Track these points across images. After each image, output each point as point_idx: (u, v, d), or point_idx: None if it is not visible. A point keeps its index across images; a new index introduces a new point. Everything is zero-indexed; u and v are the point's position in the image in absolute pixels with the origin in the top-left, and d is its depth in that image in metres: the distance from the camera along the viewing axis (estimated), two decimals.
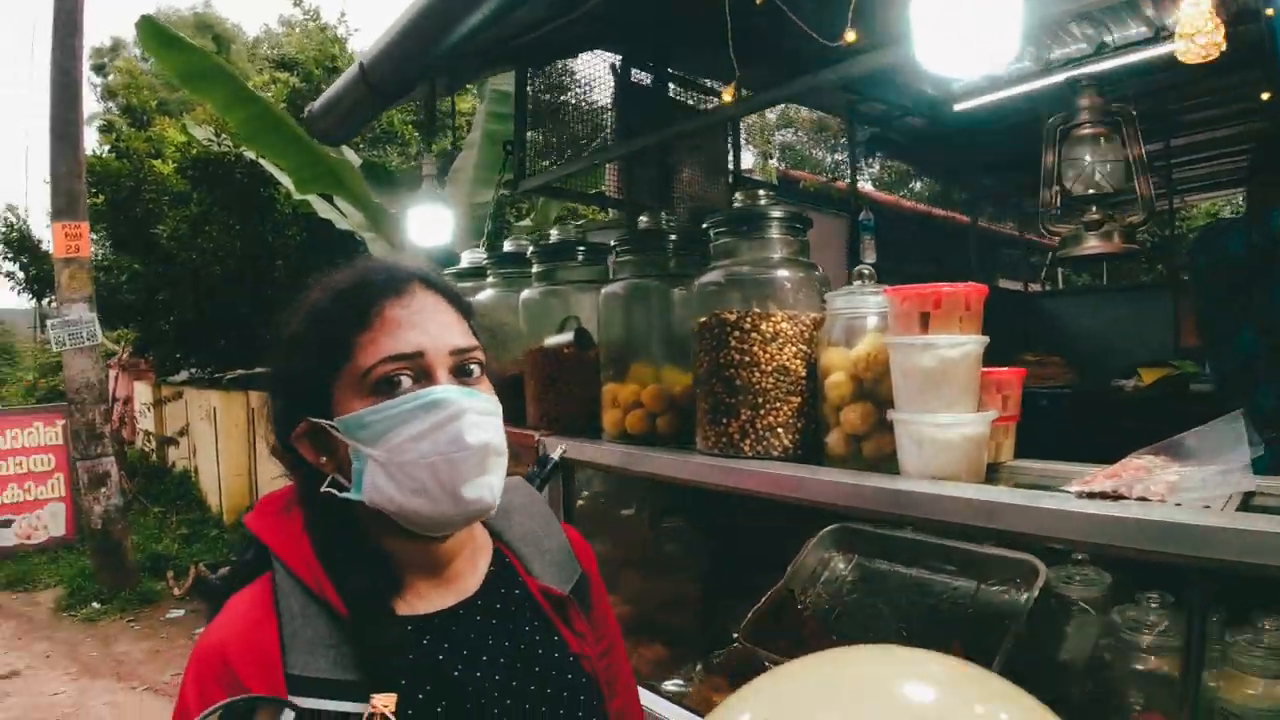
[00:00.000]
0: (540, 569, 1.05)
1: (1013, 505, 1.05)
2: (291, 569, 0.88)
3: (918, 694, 0.66)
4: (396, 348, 0.89)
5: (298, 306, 0.95)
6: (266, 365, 0.99)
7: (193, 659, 0.86)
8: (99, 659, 5.71)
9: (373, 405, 0.88)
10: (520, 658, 0.96)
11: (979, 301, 1.23)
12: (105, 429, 6.95)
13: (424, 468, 0.87)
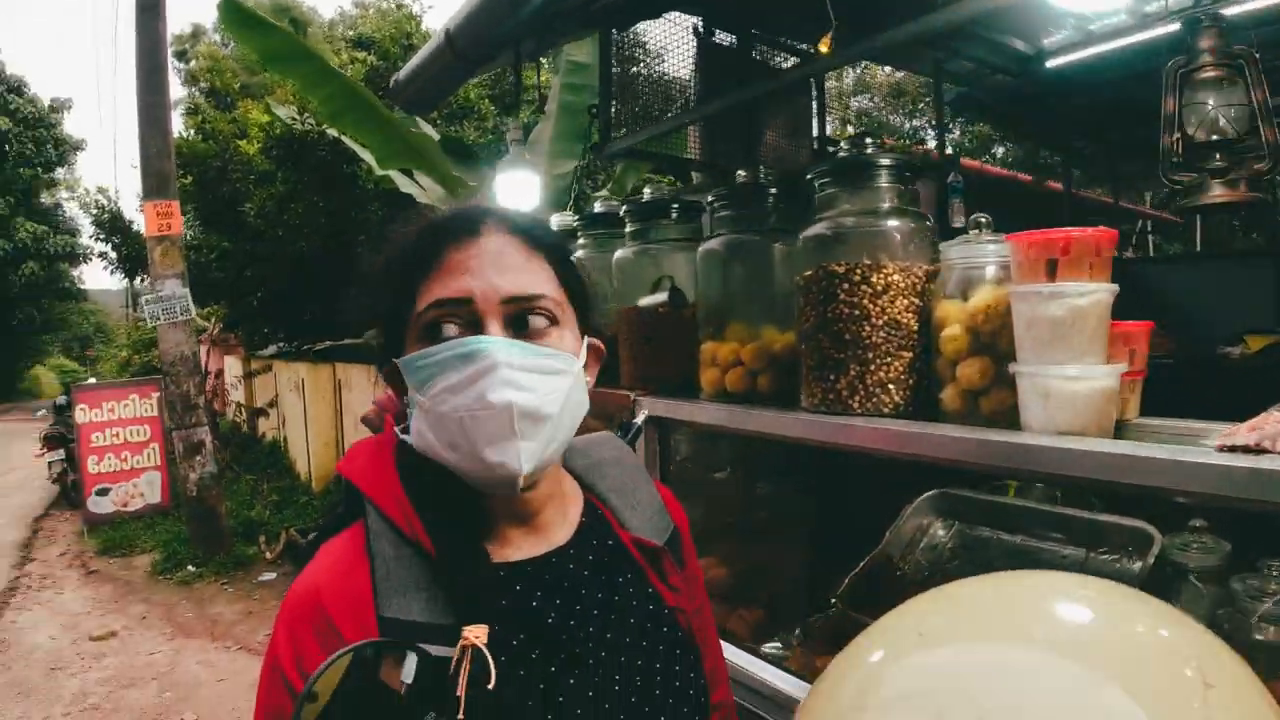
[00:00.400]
0: (633, 521, 1.03)
1: (1151, 459, 0.99)
2: (384, 511, 0.88)
3: (1076, 611, 0.64)
4: (445, 293, 0.87)
5: (380, 251, 0.96)
6: (355, 308, 0.99)
7: (285, 603, 0.86)
8: (194, 620, 5.98)
9: (420, 351, 0.87)
10: (615, 608, 0.94)
11: (1110, 247, 1.16)
12: (199, 400, 7.22)
13: (455, 421, 0.84)
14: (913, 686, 0.66)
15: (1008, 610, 0.70)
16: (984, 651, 0.67)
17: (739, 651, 1.64)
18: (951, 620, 0.71)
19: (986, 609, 0.71)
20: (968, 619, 0.70)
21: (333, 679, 0.74)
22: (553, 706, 0.85)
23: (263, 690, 0.85)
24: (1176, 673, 0.61)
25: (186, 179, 9.16)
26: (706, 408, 1.67)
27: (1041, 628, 0.67)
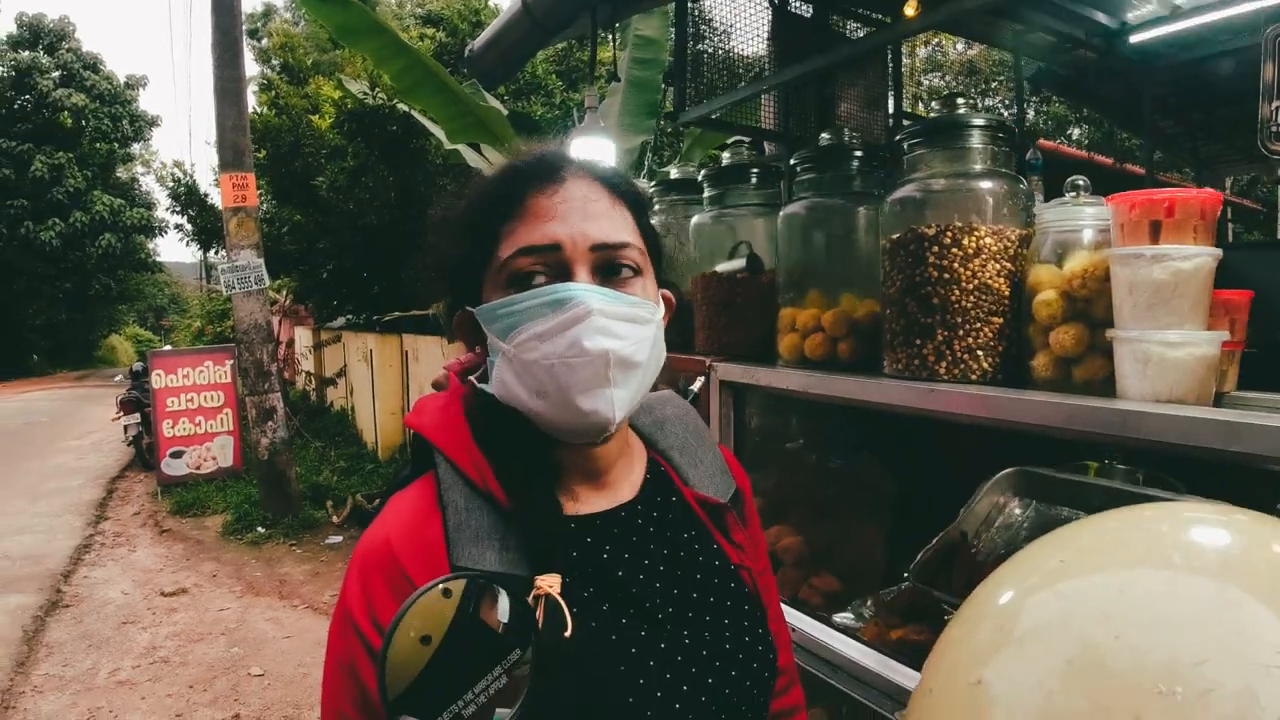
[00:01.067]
0: (696, 479, 1.02)
1: (1258, 426, 0.95)
2: (456, 463, 0.88)
3: (1208, 534, 0.67)
4: (531, 239, 0.86)
5: (460, 195, 0.95)
6: (431, 255, 0.98)
7: (357, 553, 0.86)
8: (262, 579, 6.18)
9: (505, 298, 0.86)
10: (681, 564, 0.94)
11: (1214, 211, 1.12)
12: (272, 367, 7.43)
13: (544, 369, 0.83)
14: (1047, 617, 0.66)
15: (1136, 538, 0.70)
16: (1116, 577, 0.66)
17: (811, 620, 1.64)
18: (1078, 554, 0.71)
19: (1113, 540, 0.71)
20: (1094, 550, 0.70)
21: (429, 613, 0.73)
22: (625, 659, 0.85)
23: (333, 639, 0.86)
24: None
25: (260, 153, 9.38)
26: (786, 373, 1.66)
27: (1173, 551, 0.66)
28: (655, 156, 7.71)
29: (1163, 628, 0.59)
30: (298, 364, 14.28)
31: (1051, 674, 0.62)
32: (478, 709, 0.71)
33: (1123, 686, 0.58)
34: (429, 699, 0.71)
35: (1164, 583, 0.64)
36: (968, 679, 0.68)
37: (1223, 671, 0.56)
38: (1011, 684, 0.64)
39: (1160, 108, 5.50)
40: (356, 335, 10.68)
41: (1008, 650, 0.66)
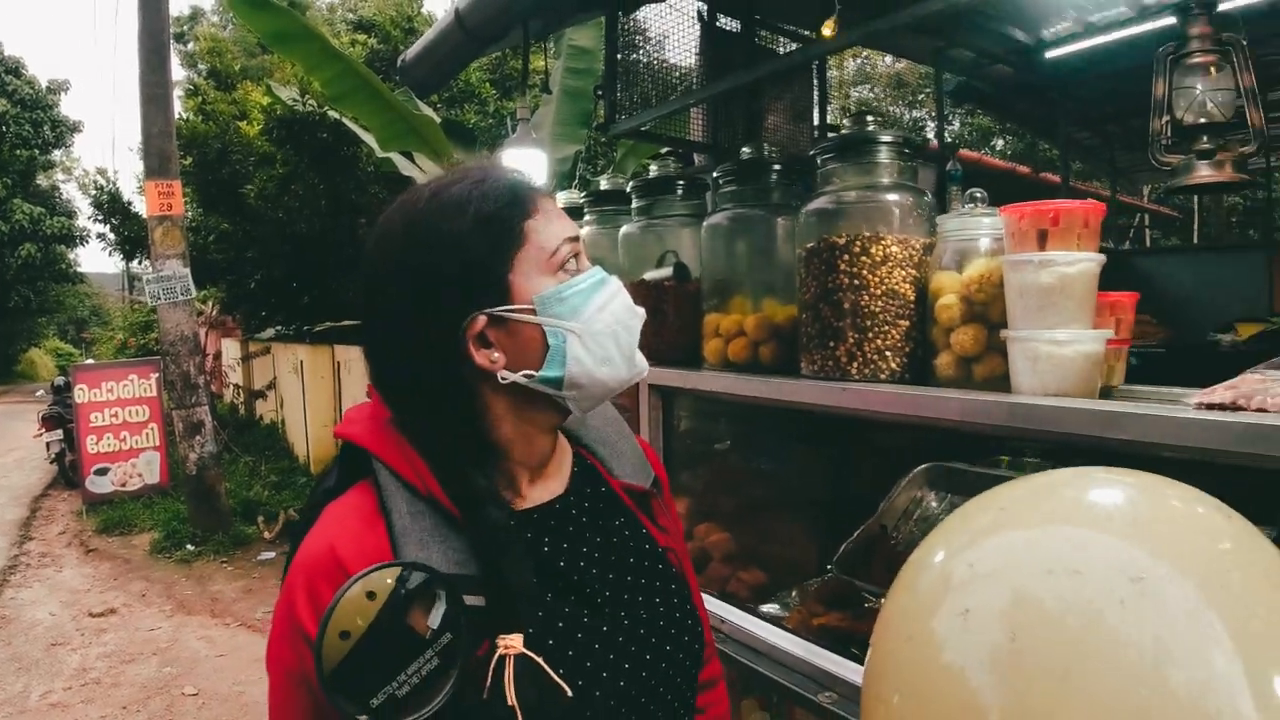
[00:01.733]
0: (620, 469, 1.09)
1: (1134, 415, 1.05)
2: (397, 472, 0.90)
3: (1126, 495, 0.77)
4: (570, 231, 0.95)
5: (438, 208, 0.91)
6: (395, 295, 0.92)
7: (298, 564, 0.87)
8: (193, 597, 6.03)
9: (566, 281, 0.92)
10: (614, 550, 1.01)
11: (1097, 219, 1.22)
12: (199, 379, 7.26)
13: (609, 336, 0.93)
14: (983, 567, 0.75)
15: (1051, 498, 0.81)
16: (1039, 531, 0.77)
17: (739, 611, 1.71)
18: (998, 516, 0.81)
19: (1025, 504, 0.82)
20: (1016, 510, 0.81)
21: (360, 608, 0.77)
22: (572, 644, 0.91)
23: (279, 653, 0.87)
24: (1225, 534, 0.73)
25: (186, 160, 9.18)
26: (711, 376, 1.73)
27: (1082, 507, 0.78)
28: (588, 166, 7.77)
29: (1079, 574, 0.68)
30: (225, 376, 13.94)
31: (992, 619, 0.70)
32: (411, 689, 0.76)
33: (1054, 628, 0.66)
34: (360, 682, 0.75)
35: (1068, 530, 0.74)
36: (913, 631, 0.76)
37: (1107, 582, 0.66)
38: (956, 631, 0.72)
39: (1077, 120, 5.75)
40: (286, 346, 10.48)
41: (949, 600, 0.74)
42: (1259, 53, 4.31)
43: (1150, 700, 0.61)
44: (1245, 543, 0.72)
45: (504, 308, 0.90)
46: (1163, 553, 0.69)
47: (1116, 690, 0.62)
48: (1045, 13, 4.12)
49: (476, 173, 0.95)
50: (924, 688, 0.73)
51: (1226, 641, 0.63)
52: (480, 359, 0.90)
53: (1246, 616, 0.65)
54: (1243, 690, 0.61)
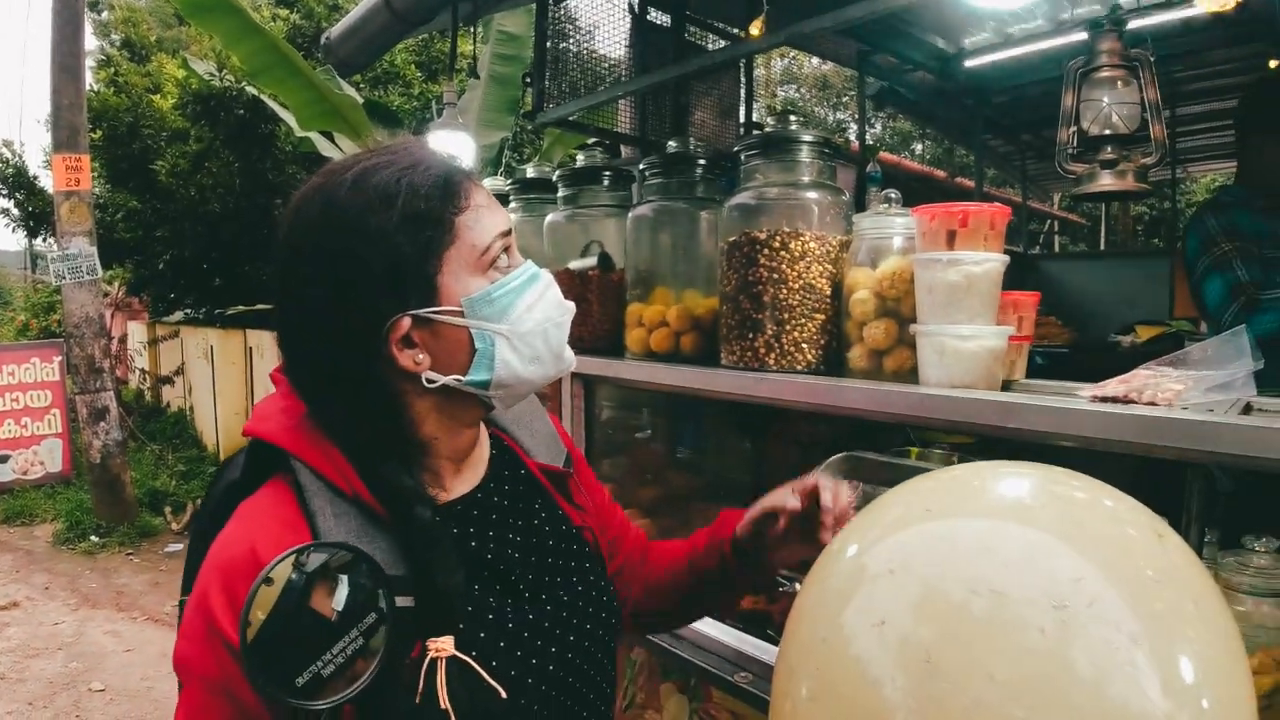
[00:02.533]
0: (535, 449, 1.11)
1: (1030, 405, 1.11)
2: (319, 471, 0.87)
3: (1038, 488, 0.80)
4: (501, 224, 0.92)
5: (363, 200, 0.85)
6: (313, 285, 0.87)
7: (215, 567, 0.83)
8: (99, 590, 5.82)
9: (493, 283, 0.89)
10: (534, 533, 1.03)
11: (1003, 222, 1.29)
12: (105, 363, 6.99)
13: (538, 335, 0.92)
14: (892, 560, 0.77)
15: (961, 492, 0.84)
16: (946, 524, 0.79)
17: None
18: (908, 510, 0.83)
19: (940, 495, 0.85)
20: (926, 503, 0.83)
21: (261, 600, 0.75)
22: (502, 633, 0.92)
23: (196, 661, 0.83)
24: (1134, 525, 0.76)
25: (96, 134, 8.78)
26: (633, 365, 1.76)
27: (984, 499, 0.82)
28: (515, 154, 7.72)
29: (984, 564, 0.71)
30: (131, 361, 13.40)
31: (901, 611, 0.72)
32: (336, 668, 0.75)
33: (959, 618, 0.69)
34: (283, 663, 0.74)
35: (982, 526, 0.77)
36: (825, 627, 0.78)
37: (1030, 609, 0.67)
38: (864, 629, 0.74)
39: (992, 128, 5.95)
40: (196, 330, 10.13)
41: (860, 597, 0.76)
42: (1170, 70, 4.55)
43: (1059, 706, 0.63)
44: (1160, 548, 0.75)
45: (430, 309, 0.87)
46: (1086, 557, 0.71)
47: (1026, 695, 0.63)
48: (966, 23, 4.25)
49: (404, 156, 0.89)
50: (832, 683, 0.75)
51: (1145, 675, 0.64)
52: (404, 360, 0.87)
53: (1165, 639, 0.66)
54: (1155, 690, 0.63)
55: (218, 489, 0.96)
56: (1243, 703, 0.67)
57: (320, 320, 0.87)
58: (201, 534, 0.94)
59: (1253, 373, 1.08)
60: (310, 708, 0.75)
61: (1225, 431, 0.95)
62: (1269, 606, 1.17)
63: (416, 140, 0.96)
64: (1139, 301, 5.18)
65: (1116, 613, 0.65)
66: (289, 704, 0.74)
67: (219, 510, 0.91)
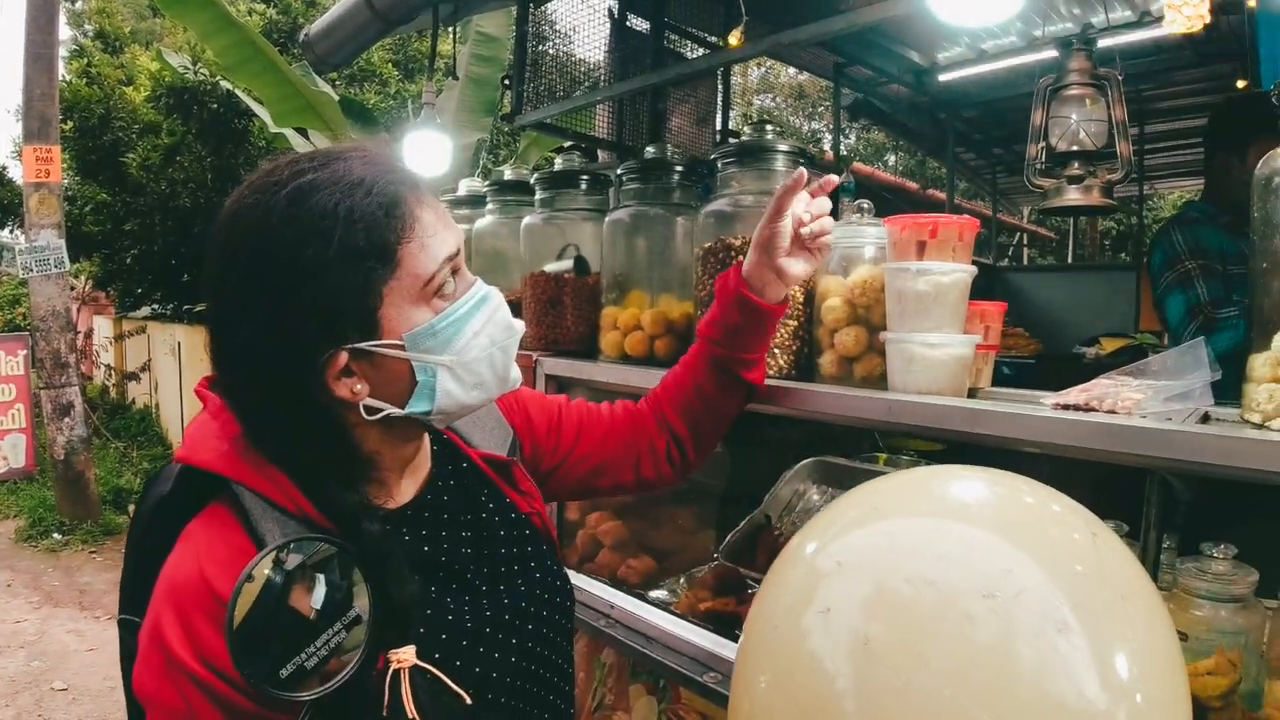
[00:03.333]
0: (478, 439, 1.10)
1: (995, 412, 1.14)
2: (265, 495, 0.85)
3: (982, 490, 0.85)
4: (448, 247, 0.87)
5: (306, 225, 0.81)
6: (244, 312, 0.83)
7: (166, 595, 0.81)
8: (61, 589, 5.72)
9: (438, 313, 0.86)
10: (484, 527, 1.03)
11: (971, 234, 1.32)
12: (71, 358, 6.88)
13: (483, 361, 0.90)
14: (841, 555, 0.82)
15: (910, 494, 0.89)
16: (900, 523, 0.84)
17: (628, 597, 1.76)
18: (864, 510, 0.88)
19: (892, 496, 0.89)
20: (883, 504, 0.88)
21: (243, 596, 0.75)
22: (459, 630, 0.93)
23: (157, 693, 0.81)
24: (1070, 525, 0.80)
25: (67, 125, 8.66)
26: (608, 368, 1.77)
27: (940, 501, 0.87)
28: (491, 155, 7.71)
29: (922, 557, 0.75)
30: (97, 356, 13.19)
31: (856, 606, 0.75)
32: (319, 660, 0.76)
33: (896, 606, 0.73)
34: (267, 654, 0.75)
35: (933, 526, 0.81)
36: (781, 620, 0.81)
37: (960, 597, 0.71)
38: (819, 623, 0.77)
39: (963, 141, 6.04)
40: (163, 326, 9.98)
41: (816, 592, 0.80)
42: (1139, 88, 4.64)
43: (995, 699, 0.67)
44: (1095, 547, 0.79)
45: (370, 343, 0.84)
46: (1018, 559, 0.75)
47: (959, 705, 0.67)
48: (940, 37, 4.32)
49: (346, 171, 0.83)
50: (786, 670, 0.78)
51: (1071, 658, 0.68)
52: (340, 390, 0.84)
53: (1099, 629, 0.71)
54: (1093, 682, 0.67)
55: (147, 505, 0.94)
56: (1177, 694, 0.71)
57: (253, 346, 0.83)
58: (136, 551, 0.93)
59: (1210, 383, 1.12)
60: (296, 699, 0.75)
61: (1181, 439, 0.98)
62: (1226, 611, 1.20)
63: (364, 149, 0.90)
64: (1105, 314, 5.28)
65: (1043, 603, 0.69)
66: (274, 695, 0.74)
67: (152, 527, 0.90)
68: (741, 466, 2.17)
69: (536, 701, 1.00)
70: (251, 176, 0.87)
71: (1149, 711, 0.68)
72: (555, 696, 1.04)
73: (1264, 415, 0.99)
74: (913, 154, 13.70)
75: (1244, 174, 2.33)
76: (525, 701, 0.98)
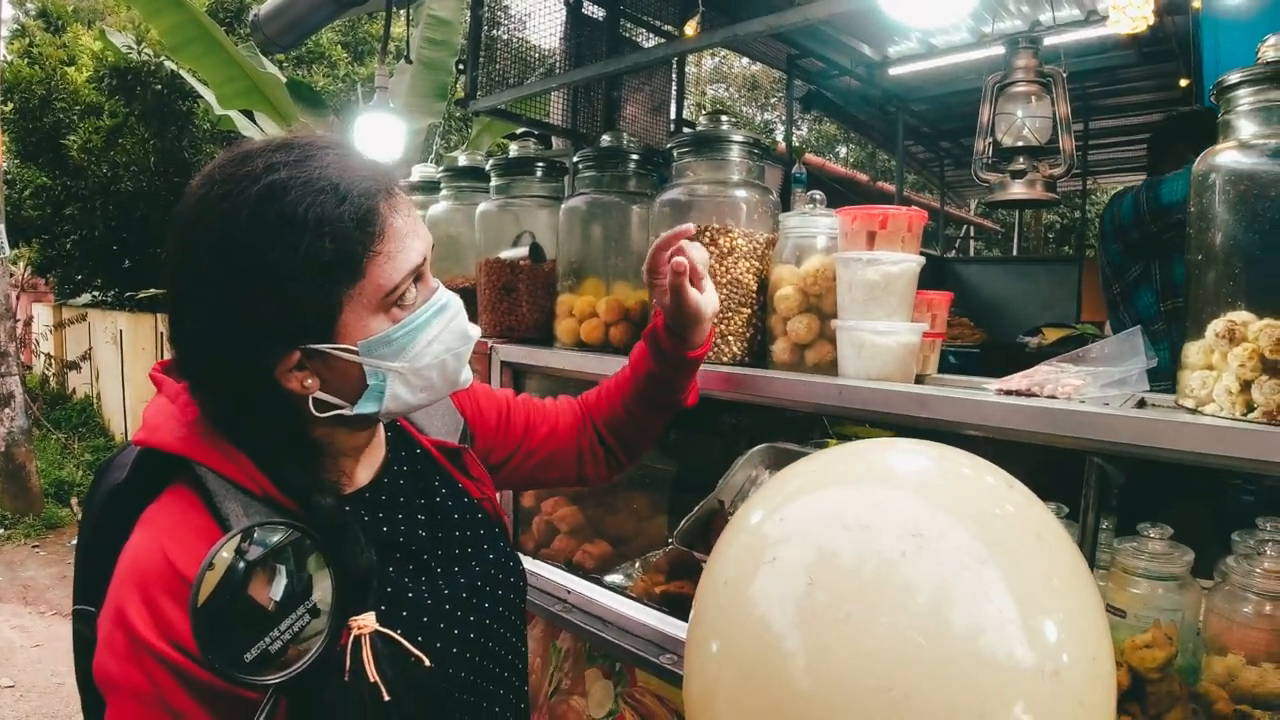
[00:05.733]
0: (430, 426, 1.13)
1: (941, 397, 1.18)
2: (226, 475, 0.85)
3: (922, 461, 0.91)
4: (412, 261, 0.87)
5: (276, 221, 0.81)
6: (203, 303, 0.83)
7: (129, 578, 0.81)
8: (4, 584, 5.58)
9: (395, 322, 0.87)
10: (438, 510, 1.05)
11: (920, 225, 1.35)
12: (10, 347, 6.67)
13: (435, 367, 0.91)
14: (784, 516, 0.88)
15: (849, 463, 0.94)
16: (839, 491, 0.90)
17: (584, 581, 1.78)
18: (808, 479, 0.93)
19: (835, 467, 0.94)
20: (820, 474, 0.93)
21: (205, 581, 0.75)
22: (418, 608, 0.95)
23: (122, 676, 0.80)
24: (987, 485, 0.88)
25: (7, 106, 8.37)
26: (563, 354, 1.78)
27: (877, 471, 0.92)
28: (443, 141, 7.63)
29: (856, 508, 0.82)
30: (36, 345, 12.80)
31: (795, 570, 0.80)
32: (283, 645, 0.76)
33: (834, 547, 0.79)
34: (231, 639, 0.74)
35: (868, 485, 0.87)
36: (730, 585, 0.85)
37: (891, 537, 0.78)
38: (765, 582, 0.82)
39: (913, 134, 6.13)
40: (105, 314, 9.72)
41: (761, 555, 0.84)
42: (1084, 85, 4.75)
43: (928, 642, 0.72)
44: (1022, 505, 0.85)
45: (325, 345, 0.84)
46: (946, 510, 0.81)
47: (898, 631, 0.73)
48: (892, 32, 4.38)
49: (320, 171, 0.83)
50: (738, 635, 0.82)
51: (1000, 591, 0.75)
52: (291, 383, 0.85)
53: (1018, 568, 0.77)
54: (1016, 634, 0.73)
55: (100, 494, 0.93)
56: (1092, 617, 0.79)
57: (208, 333, 0.84)
58: (91, 541, 0.92)
59: (1145, 369, 1.17)
60: (261, 683, 0.75)
61: (1119, 423, 1.02)
62: (1163, 590, 1.25)
63: (341, 145, 0.89)
64: (1048, 305, 5.42)
65: (965, 539, 0.78)
66: (239, 680, 0.74)
67: (106, 515, 0.90)
68: (696, 453, 2.20)
69: (493, 679, 1.03)
70: (222, 159, 0.86)
71: (1067, 629, 0.76)
72: (511, 674, 1.07)
73: (1197, 400, 1.03)
74: (864, 146, 13.86)
75: None
76: (483, 678, 1.01)
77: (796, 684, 0.75)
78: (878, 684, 0.71)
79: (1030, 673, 0.71)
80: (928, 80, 5.01)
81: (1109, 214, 2.68)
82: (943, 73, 4.79)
